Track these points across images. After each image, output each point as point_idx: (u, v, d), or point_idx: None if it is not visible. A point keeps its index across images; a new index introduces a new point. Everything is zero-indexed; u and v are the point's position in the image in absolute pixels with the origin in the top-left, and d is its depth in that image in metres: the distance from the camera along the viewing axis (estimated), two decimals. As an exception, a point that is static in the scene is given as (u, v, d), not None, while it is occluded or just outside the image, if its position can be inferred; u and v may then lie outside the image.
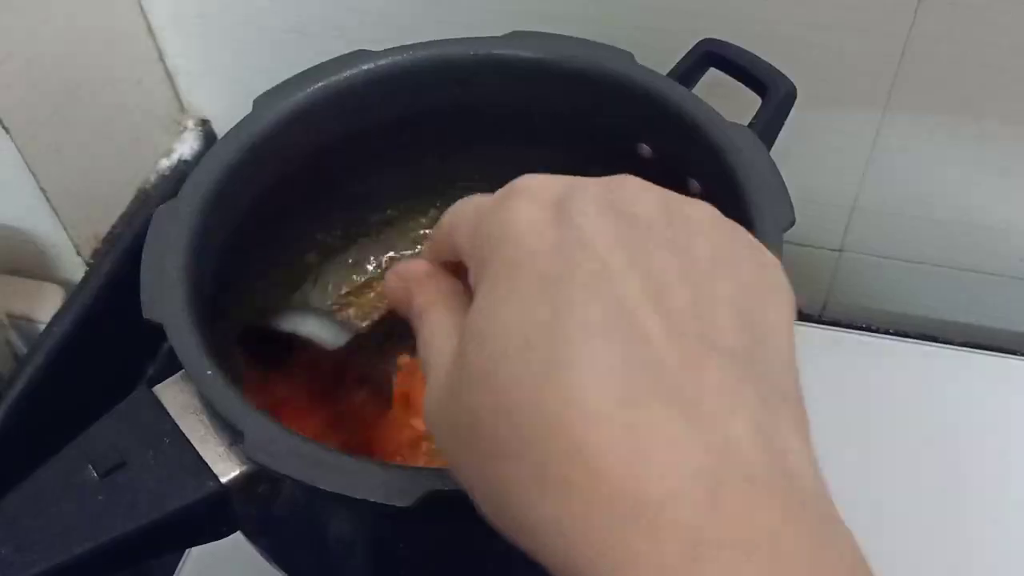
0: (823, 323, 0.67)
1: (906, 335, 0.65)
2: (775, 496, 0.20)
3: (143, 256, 0.39)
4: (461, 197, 0.55)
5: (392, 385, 0.43)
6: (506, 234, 0.24)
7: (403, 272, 0.30)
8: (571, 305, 0.22)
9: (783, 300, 0.25)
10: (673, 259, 0.23)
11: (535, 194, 0.25)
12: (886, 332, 0.66)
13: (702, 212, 0.25)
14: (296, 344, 0.41)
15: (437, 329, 0.27)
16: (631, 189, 0.25)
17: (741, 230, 0.26)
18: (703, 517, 0.19)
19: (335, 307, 0.50)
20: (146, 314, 0.38)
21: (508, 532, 0.23)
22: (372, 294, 0.54)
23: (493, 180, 0.54)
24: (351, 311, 0.49)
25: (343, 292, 0.54)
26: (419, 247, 0.56)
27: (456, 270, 0.28)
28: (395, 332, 0.34)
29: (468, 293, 0.26)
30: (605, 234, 0.23)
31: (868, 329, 0.66)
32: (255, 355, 0.43)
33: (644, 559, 0.19)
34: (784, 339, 0.24)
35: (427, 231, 0.56)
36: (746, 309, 0.23)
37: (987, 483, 0.55)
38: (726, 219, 0.26)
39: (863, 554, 0.21)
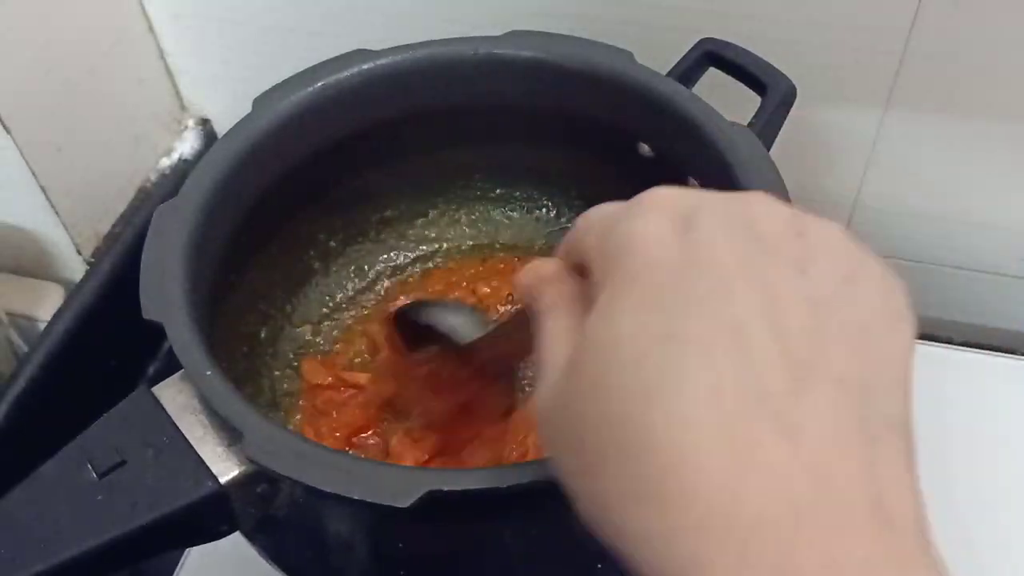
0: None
1: (906, 334, 0.65)
2: (868, 527, 0.20)
3: (143, 256, 0.39)
4: (461, 196, 0.56)
5: (520, 385, 0.43)
6: (632, 245, 0.24)
7: (533, 271, 0.30)
8: (686, 321, 0.22)
9: (904, 328, 0.24)
10: (795, 280, 0.23)
11: (664, 208, 0.25)
12: (886, 331, 0.66)
13: (830, 233, 0.25)
14: (434, 336, 0.43)
15: (555, 331, 0.27)
16: (761, 206, 0.25)
17: (869, 253, 0.25)
18: (793, 542, 0.20)
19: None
20: (146, 314, 0.38)
21: (606, 538, 0.23)
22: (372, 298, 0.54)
23: (493, 179, 0.55)
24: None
25: (344, 295, 0.54)
26: (422, 247, 0.56)
27: (585, 274, 0.28)
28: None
29: (592, 301, 0.26)
30: (728, 251, 0.23)
31: (868, 328, 0.66)
32: (402, 337, 0.45)
33: (726, 566, 0.20)
34: (900, 368, 0.23)
35: (427, 231, 0.56)
36: (864, 336, 0.23)
37: (986, 482, 0.55)
38: (853, 241, 0.25)
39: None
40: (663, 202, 0.25)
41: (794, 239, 0.24)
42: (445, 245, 0.56)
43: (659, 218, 0.25)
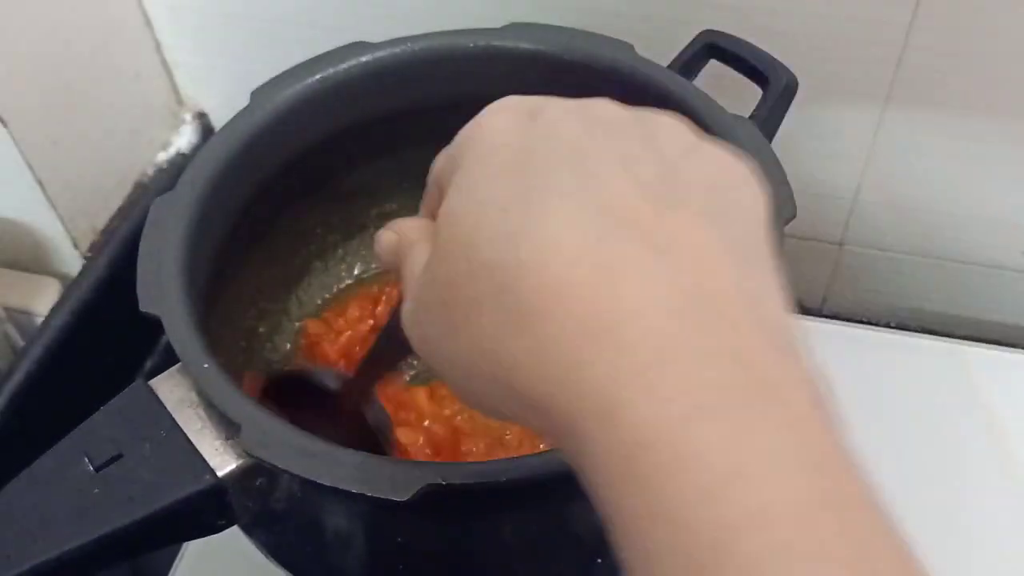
0: (824, 316, 0.67)
1: (907, 328, 0.65)
2: (741, 320, 0.21)
3: (140, 249, 0.39)
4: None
5: (388, 423, 0.43)
6: (479, 135, 0.25)
7: (395, 224, 0.30)
8: (545, 176, 0.23)
9: (754, 193, 0.24)
10: (643, 146, 0.24)
11: (510, 107, 0.26)
12: (887, 325, 0.66)
13: (669, 119, 0.26)
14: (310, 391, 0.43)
15: (417, 255, 0.27)
16: (603, 103, 0.26)
17: (713, 139, 0.25)
18: (665, 330, 0.20)
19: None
20: (143, 307, 0.37)
21: (483, 401, 0.24)
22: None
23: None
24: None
25: (342, 287, 0.54)
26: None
27: None
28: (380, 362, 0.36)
29: None
30: (576, 130, 0.24)
31: (869, 322, 0.66)
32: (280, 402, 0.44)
33: (612, 368, 0.20)
34: (757, 224, 0.24)
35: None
36: (715, 192, 0.23)
37: (987, 475, 0.55)
38: (692, 126, 0.26)
39: (822, 375, 0.21)
40: (509, 103, 0.26)
41: (635, 123, 0.25)
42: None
43: (505, 113, 0.25)
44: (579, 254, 0.21)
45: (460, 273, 0.23)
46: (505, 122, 0.25)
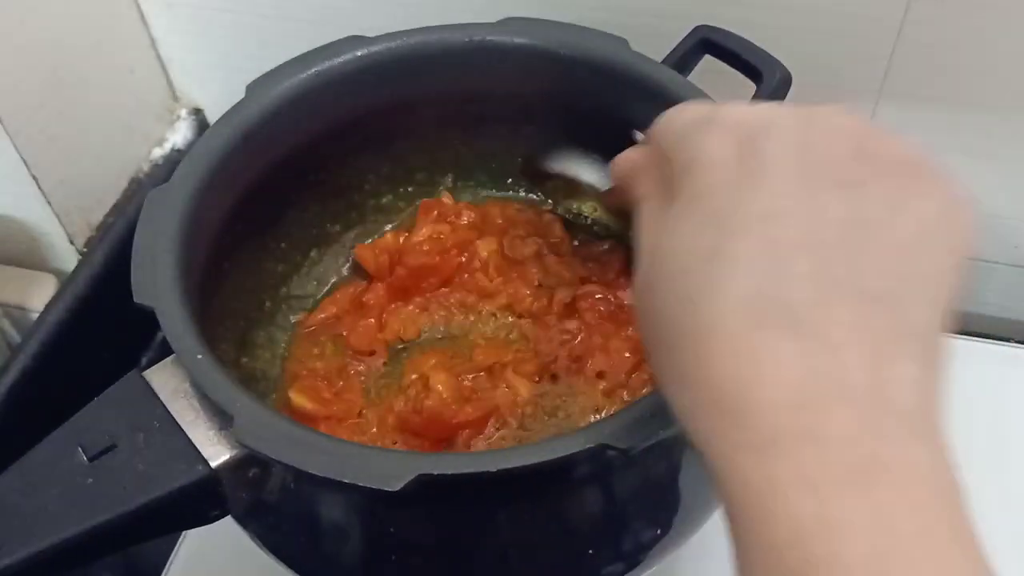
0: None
1: (901, 324, 0.65)
2: (857, 410, 0.23)
3: (135, 240, 0.39)
4: (454, 185, 0.55)
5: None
6: (697, 162, 0.27)
7: (626, 159, 0.34)
8: (732, 240, 0.25)
9: (951, 244, 0.26)
10: (845, 202, 0.25)
11: (732, 126, 0.27)
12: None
13: (897, 152, 0.27)
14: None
15: (647, 220, 0.30)
16: (830, 125, 0.27)
17: (935, 173, 0.27)
18: (786, 417, 0.23)
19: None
20: (137, 298, 0.37)
21: (666, 398, 0.28)
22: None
23: (487, 166, 0.55)
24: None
25: (339, 280, 0.54)
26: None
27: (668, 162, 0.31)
28: None
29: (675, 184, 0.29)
30: (780, 176, 0.26)
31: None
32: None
33: (731, 442, 0.24)
34: (939, 282, 0.25)
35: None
36: (903, 254, 0.25)
37: (983, 471, 0.55)
38: (923, 160, 0.27)
39: (950, 469, 0.23)
40: (735, 120, 0.28)
41: (853, 160, 0.26)
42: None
43: (726, 139, 0.27)
44: (734, 339, 0.24)
45: (657, 301, 0.27)
46: (723, 151, 0.27)
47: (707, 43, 0.48)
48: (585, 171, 0.48)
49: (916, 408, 0.24)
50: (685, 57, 0.48)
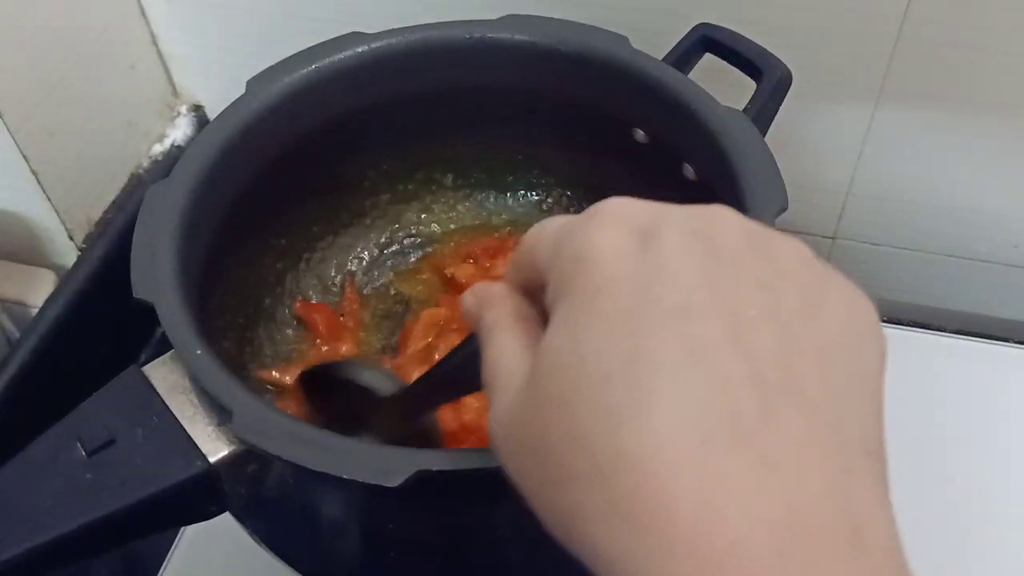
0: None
1: (899, 322, 0.65)
2: (843, 557, 0.20)
3: (134, 235, 0.39)
4: (456, 180, 0.55)
5: (438, 428, 0.43)
6: (589, 256, 0.24)
7: (478, 291, 0.29)
8: (651, 341, 0.22)
9: (873, 350, 0.24)
10: (759, 298, 0.23)
11: (621, 219, 0.24)
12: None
13: (794, 251, 0.24)
14: (352, 389, 0.42)
15: (507, 349, 0.26)
16: (721, 220, 0.24)
17: (834, 273, 0.25)
18: (767, 568, 0.19)
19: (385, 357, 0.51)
20: (136, 293, 0.37)
21: (572, 549, 0.23)
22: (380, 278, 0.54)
23: (487, 164, 0.55)
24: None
25: (338, 277, 0.54)
26: (416, 230, 0.55)
27: (533, 297, 0.28)
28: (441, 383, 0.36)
29: (541, 318, 0.26)
30: (689, 268, 0.23)
31: (862, 317, 0.66)
32: (313, 397, 0.44)
33: None
34: (870, 390, 0.23)
35: (422, 215, 0.56)
36: (833, 357, 0.23)
37: (982, 470, 0.55)
38: (818, 260, 0.25)
39: None
40: (620, 213, 0.25)
41: (756, 256, 0.24)
42: (439, 229, 0.56)
43: (616, 230, 0.24)
44: (681, 460, 0.21)
45: (556, 433, 0.23)
46: (617, 243, 0.24)
47: (707, 41, 0.48)
48: (372, 379, 0.42)
49: (889, 545, 0.21)
50: (685, 55, 0.48)
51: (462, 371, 0.29)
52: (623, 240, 0.24)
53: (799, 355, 0.22)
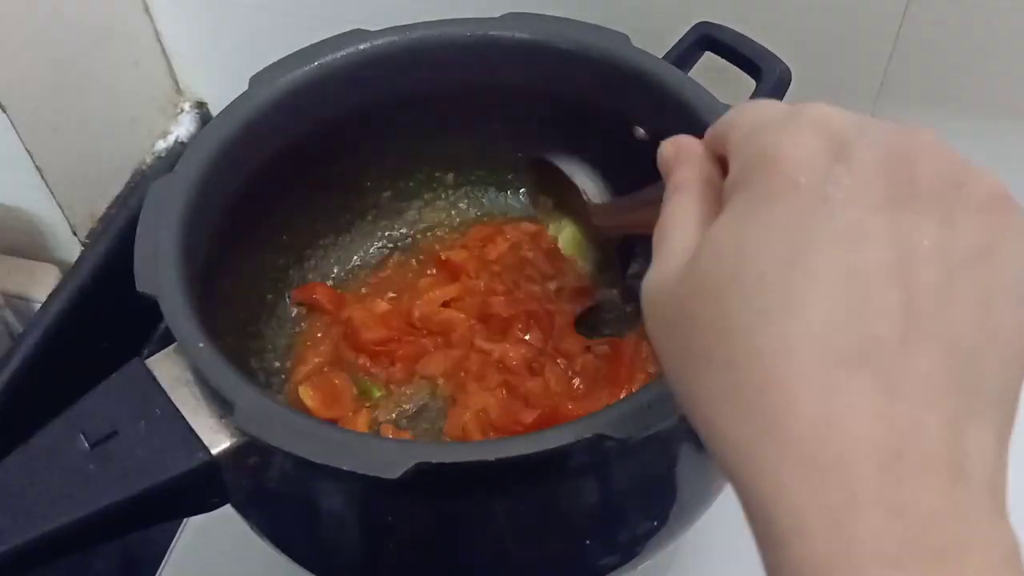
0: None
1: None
2: (939, 484, 0.21)
3: (138, 229, 0.39)
4: (456, 178, 0.56)
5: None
6: (778, 157, 0.24)
7: (676, 143, 0.29)
8: (816, 255, 0.22)
9: None
10: (936, 233, 0.23)
11: (823, 128, 0.24)
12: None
13: (989, 190, 0.24)
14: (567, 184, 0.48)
15: (681, 213, 0.26)
16: (924, 145, 0.24)
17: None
18: (867, 482, 0.21)
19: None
20: (140, 287, 0.38)
21: (691, 420, 0.25)
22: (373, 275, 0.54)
23: (488, 161, 0.55)
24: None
25: (339, 273, 0.54)
26: (416, 227, 0.56)
27: (724, 168, 0.27)
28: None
29: (723, 195, 0.26)
30: (874, 190, 0.23)
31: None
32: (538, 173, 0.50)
33: (806, 499, 0.21)
34: (1017, 345, 0.23)
35: (423, 212, 0.56)
36: (990, 305, 0.23)
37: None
38: (1012, 202, 0.24)
39: (1015, 549, 0.21)
40: (823, 121, 0.24)
41: (949, 189, 0.23)
42: (440, 226, 0.56)
43: (813, 138, 0.24)
44: (810, 372, 0.22)
45: (704, 318, 0.24)
46: (810, 151, 0.23)
47: (708, 39, 0.48)
48: (582, 178, 0.48)
49: (991, 481, 0.22)
50: (686, 53, 0.48)
51: (643, 214, 0.30)
52: (816, 147, 0.24)
53: (956, 298, 0.22)
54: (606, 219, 0.46)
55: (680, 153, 0.29)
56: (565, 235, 0.52)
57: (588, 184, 0.47)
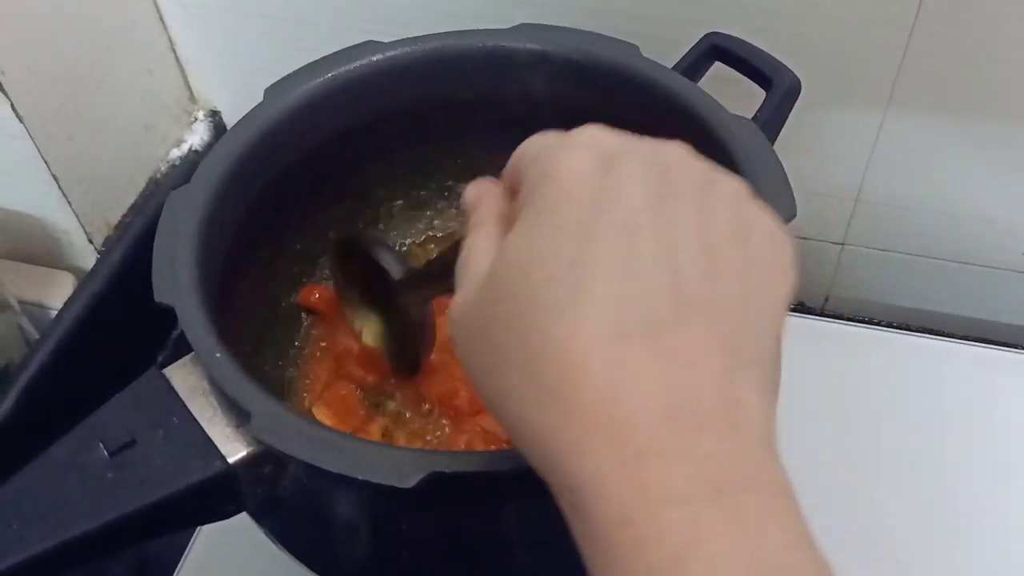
0: (825, 316, 0.67)
1: (908, 328, 0.65)
2: (717, 432, 0.24)
3: (156, 239, 0.40)
4: (464, 190, 0.56)
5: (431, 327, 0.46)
6: (556, 173, 0.27)
7: (479, 186, 0.33)
8: (592, 249, 0.25)
9: (784, 281, 0.28)
10: (695, 222, 0.26)
11: (590, 146, 0.28)
12: (888, 325, 0.66)
13: (734, 188, 0.28)
14: (372, 264, 0.47)
15: (480, 246, 0.29)
16: (677, 156, 0.28)
17: (766, 211, 0.28)
18: (653, 434, 0.24)
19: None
20: (157, 297, 0.38)
21: (500, 420, 0.27)
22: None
23: (500, 171, 0.55)
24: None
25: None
26: (429, 236, 0.56)
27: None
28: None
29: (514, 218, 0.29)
30: (639, 192, 0.26)
31: (870, 322, 0.67)
32: (343, 263, 0.50)
33: (603, 459, 0.24)
34: (774, 313, 0.27)
35: (435, 221, 0.56)
36: (748, 281, 0.26)
37: (988, 475, 0.56)
38: (753, 198, 0.29)
39: (787, 487, 0.24)
40: (591, 141, 0.28)
41: (701, 187, 0.27)
42: (452, 235, 0.56)
43: (584, 155, 0.27)
44: (597, 348, 0.24)
45: (502, 317, 0.26)
46: (581, 166, 0.27)
47: (717, 50, 0.49)
48: (388, 258, 0.47)
49: (763, 430, 0.25)
50: (695, 64, 0.49)
51: (452, 266, 0.31)
52: (587, 163, 0.27)
53: (720, 273, 0.26)
54: (413, 289, 0.45)
55: (478, 194, 0.32)
56: (369, 328, 0.50)
57: (393, 264, 0.46)
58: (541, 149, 0.29)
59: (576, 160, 0.27)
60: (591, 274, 0.25)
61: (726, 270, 0.26)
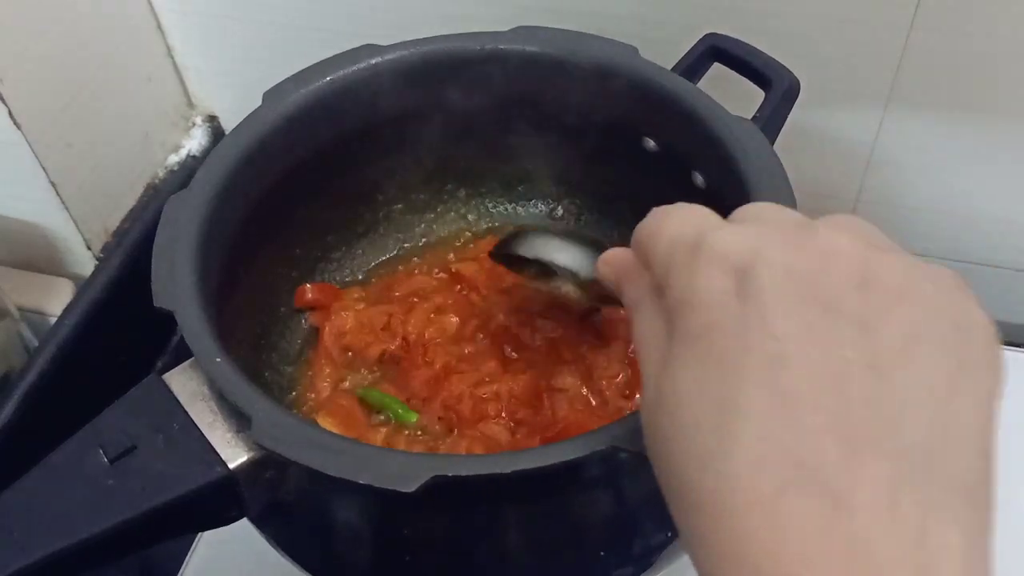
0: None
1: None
2: None
3: (155, 245, 0.40)
4: (468, 190, 0.56)
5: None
6: (692, 302, 0.25)
7: (611, 260, 0.32)
8: (739, 389, 0.23)
9: (983, 382, 0.24)
10: (856, 341, 0.23)
11: (721, 259, 0.25)
12: (889, 326, 0.66)
13: (903, 277, 0.24)
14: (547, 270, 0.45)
15: (645, 331, 0.28)
16: (820, 252, 0.24)
17: (950, 292, 0.24)
18: None
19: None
20: (157, 303, 0.38)
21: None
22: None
23: (499, 174, 0.55)
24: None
25: (353, 285, 0.54)
26: (428, 240, 0.56)
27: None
28: None
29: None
30: (784, 314, 0.23)
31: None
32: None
33: None
34: (973, 427, 0.23)
35: (434, 225, 0.56)
36: (931, 397, 0.23)
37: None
38: (932, 279, 0.24)
39: None
40: (719, 252, 0.25)
41: (857, 292, 0.23)
42: (451, 238, 0.56)
43: (715, 274, 0.25)
44: (754, 503, 0.22)
45: (662, 457, 0.25)
46: (714, 291, 0.25)
47: (716, 51, 0.49)
48: (561, 256, 0.44)
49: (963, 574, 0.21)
50: (694, 65, 0.49)
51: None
52: (721, 284, 0.25)
53: (893, 402, 0.22)
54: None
55: (618, 270, 0.31)
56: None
57: (571, 262, 0.43)
58: (672, 252, 0.27)
59: (708, 283, 0.25)
60: (739, 419, 0.23)
61: (902, 390, 0.22)
